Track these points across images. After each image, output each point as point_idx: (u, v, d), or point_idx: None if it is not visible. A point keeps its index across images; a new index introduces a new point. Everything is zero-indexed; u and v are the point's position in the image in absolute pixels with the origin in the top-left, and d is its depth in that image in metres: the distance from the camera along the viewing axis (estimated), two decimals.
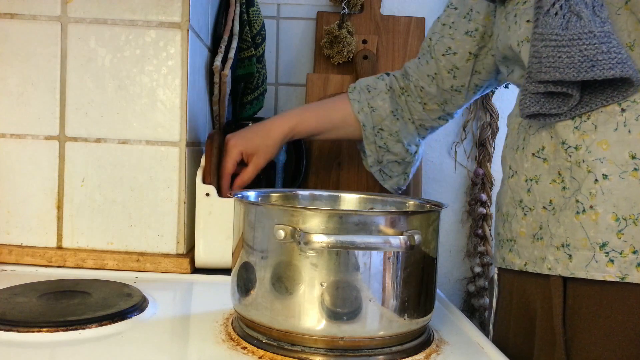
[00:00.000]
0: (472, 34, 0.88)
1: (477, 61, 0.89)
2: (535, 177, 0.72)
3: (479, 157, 1.35)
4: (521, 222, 0.74)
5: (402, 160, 0.99)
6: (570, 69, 0.62)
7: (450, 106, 0.95)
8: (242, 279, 0.61)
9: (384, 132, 0.96)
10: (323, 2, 1.35)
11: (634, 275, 0.63)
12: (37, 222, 0.89)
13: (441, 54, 0.91)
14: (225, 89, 1.06)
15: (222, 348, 0.59)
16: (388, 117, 0.96)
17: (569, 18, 0.63)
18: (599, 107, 0.65)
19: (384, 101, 0.96)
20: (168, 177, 0.89)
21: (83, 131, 0.88)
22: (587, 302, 0.66)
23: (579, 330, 0.67)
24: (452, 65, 0.90)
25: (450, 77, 0.91)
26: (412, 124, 0.97)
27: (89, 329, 0.62)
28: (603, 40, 0.61)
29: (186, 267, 0.87)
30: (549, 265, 0.69)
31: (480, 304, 1.35)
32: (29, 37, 0.87)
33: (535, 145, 0.72)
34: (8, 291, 0.71)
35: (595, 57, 0.61)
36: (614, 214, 0.64)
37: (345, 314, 0.56)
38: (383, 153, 0.98)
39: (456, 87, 0.92)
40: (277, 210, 0.60)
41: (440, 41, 0.91)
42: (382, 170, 1.00)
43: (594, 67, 0.61)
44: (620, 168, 0.64)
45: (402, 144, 0.97)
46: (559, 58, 0.63)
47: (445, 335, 0.67)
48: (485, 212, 1.34)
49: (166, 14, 0.87)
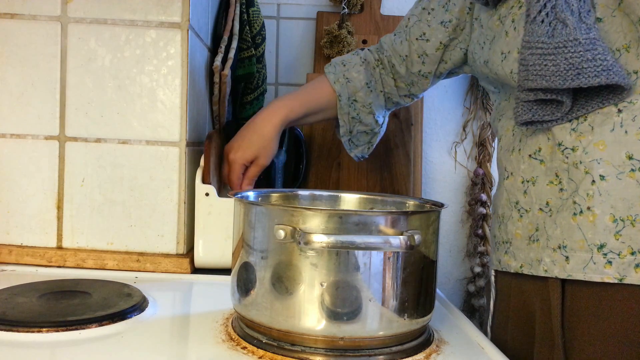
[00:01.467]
0: (445, 25, 0.89)
1: (446, 51, 0.91)
2: (532, 178, 0.72)
3: (479, 157, 1.35)
4: (517, 223, 0.74)
5: (370, 131, 1.01)
6: (556, 77, 0.63)
7: (415, 88, 0.97)
8: (242, 279, 0.61)
9: (357, 103, 0.97)
10: (323, 2, 1.35)
11: (633, 277, 0.63)
12: (37, 222, 0.89)
13: (415, 38, 0.92)
14: (225, 89, 1.06)
15: (222, 348, 0.59)
16: (363, 89, 0.97)
17: (555, 25, 0.63)
18: (595, 109, 0.65)
19: (358, 73, 0.97)
20: (168, 177, 0.89)
21: (83, 131, 0.88)
22: (585, 303, 0.66)
23: (578, 331, 0.66)
24: (422, 51, 0.92)
25: (419, 62, 0.93)
26: (382, 96, 0.98)
27: (89, 329, 0.62)
28: (588, 47, 0.61)
29: (186, 267, 0.87)
30: (545, 267, 0.69)
31: (480, 304, 1.35)
32: (29, 37, 0.87)
33: (531, 146, 0.72)
34: (8, 291, 0.71)
35: (581, 64, 0.61)
36: (612, 215, 0.64)
37: (345, 314, 0.56)
38: (355, 124, 0.99)
39: (423, 73, 0.94)
40: (277, 210, 0.60)
41: (417, 25, 0.93)
42: (351, 140, 1.02)
43: (580, 75, 0.62)
44: (617, 169, 0.64)
45: (372, 115, 0.98)
46: (545, 66, 0.63)
47: (445, 335, 0.67)
48: (485, 212, 1.34)
49: (166, 14, 0.87)
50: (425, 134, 1.35)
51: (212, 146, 0.91)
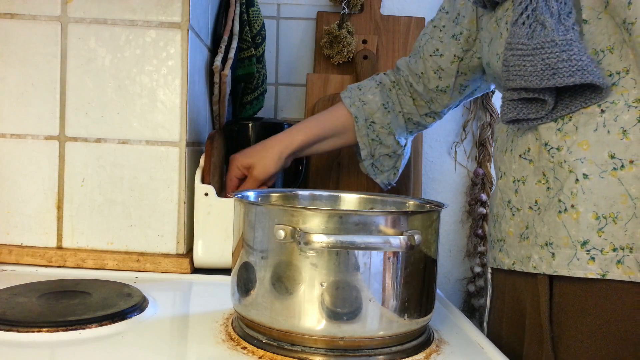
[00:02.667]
0: (457, 38, 0.90)
1: (462, 64, 0.91)
2: (522, 178, 0.74)
3: (479, 157, 1.35)
4: (509, 222, 0.76)
5: (393, 153, 1.01)
6: (534, 77, 0.65)
7: (436, 105, 0.97)
8: (242, 279, 0.61)
9: (376, 124, 0.98)
10: (323, 2, 1.35)
11: (615, 273, 0.64)
12: (37, 222, 0.89)
13: (429, 55, 0.93)
14: (225, 89, 1.06)
15: (222, 348, 0.59)
16: (379, 110, 0.98)
17: (535, 27, 0.66)
18: (578, 108, 0.67)
19: (374, 95, 0.98)
20: (168, 177, 0.89)
21: (83, 131, 0.88)
22: (572, 299, 0.68)
23: (565, 327, 0.68)
24: (437, 66, 0.93)
25: (436, 77, 0.93)
26: (401, 117, 0.99)
27: (89, 329, 0.62)
28: (564, 48, 0.63)
29: (186, 267, 0.87)
30: (534, 264, 0.70)
31: (480, 304, 1.35)
32: (29, 37, 0.87)
33: (521, 146, 0.74)
34: (8, 291, 0.71)
35: (556, 65, 0.63)
36: (595, 213, 0.65)
37: (345, 314, 0.56)
38: (376, 146, 1.00)
39: (441, 88, 0.94)
40: (277, 210, 0.60)
41: (429, 42, 0.94)
42: (374, 164, 1.02)
43: (555, 75, 0.64)
44: (600, 168, 0.65)
45: (393, 135, 0.99)
46: (524, 66, 0.66)
47: (445, 335, 0.67)
48: (485, 212, 1.34)
49: (166, 14, 0.87)
50: (425, 134, 1.34)
51: (214, 146, 0.91)
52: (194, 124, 0.94)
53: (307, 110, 1.28)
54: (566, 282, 0.68)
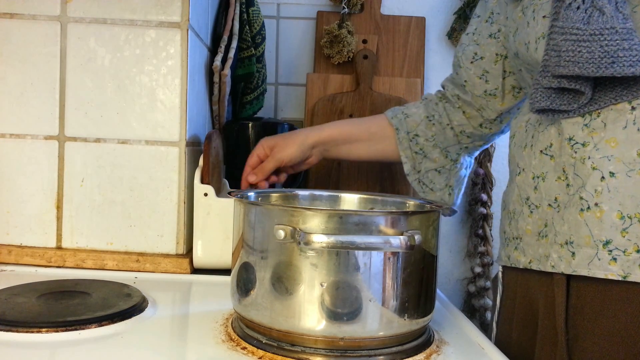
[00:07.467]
0: (495, 36, 0.87)
1: (507, 62, 0.88)
2: (542, 174, 0.72)
3: (479, 157, 1.34)
4: (527, 219, 0.74)
5: (442, 168, 0.96)
6: (590, 64, 0.62)
7: (488, 112, 0.92)
8: (242, 279, 0.61)
9: (419, 137, 0.96)
10: (323, 1, 1.35)
11: (637, 274, 0.62)
12: (37, 222, 0.89)
13: (469, 62, 0.90)
14: (225, 88, 1.06)
15: (222, 348, 0.59)
16: (423, 122, 0.95)
17: (591, 13, 0.62)
18: (608, 105, 0.65)
19: (417, 108, 0.97)
20: (168, 177, 0.88)
21: (83, 131, 0.88)
22: (590, 301, 0.66)
23: (582, 329, 0.66)
24: (482, 70, 0.90)
25: (482, 81, 0.90)
26: (450, 130, 0.95)
27: (89, 329, 0.62)
28: (625, 37, 0.61)
29: (186, 268, 0.87)
30: (552, 263, 0.69)
31: (480, 304, 1.35)
32: (29, 37, 0.87)
33: (543, 142, 0.72)
34: (8, 291, 0.71)
35: (617, 53, 0.60)
36: (619, 212, 0.63)
37: (345, 314, 0.56)
38: (420, 160, 0.96)
39: (490, 91, 0.90)
40: (277, 210, 0.60)
41: (467, 50, 0.91)
42: (420, 180, 0.97)
43: (614, 64, 0.61)
44: (628, 166, 0.63)
45: (439, 149, 0.95)
46: (579, 52, 0.62)
47: (446, 335, 0.67)
48: (486, 212, 1.34)
49: (166, 13, 0.87)
50: None
51: (212, 146, 0.91)
52: (194, 124, 0.94)
53: (307, 110, 1.28)
54: (584, 283, 0.66)
